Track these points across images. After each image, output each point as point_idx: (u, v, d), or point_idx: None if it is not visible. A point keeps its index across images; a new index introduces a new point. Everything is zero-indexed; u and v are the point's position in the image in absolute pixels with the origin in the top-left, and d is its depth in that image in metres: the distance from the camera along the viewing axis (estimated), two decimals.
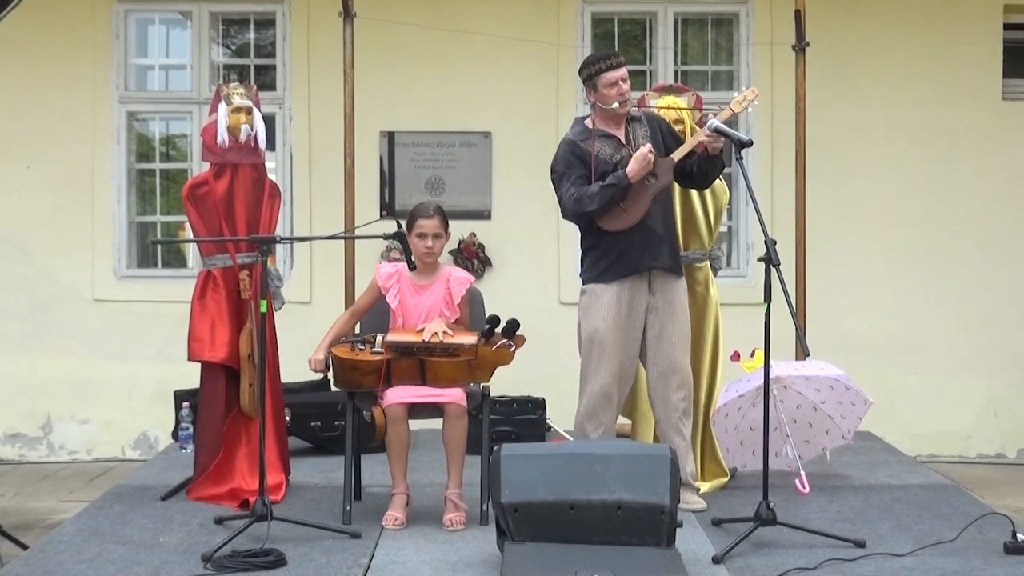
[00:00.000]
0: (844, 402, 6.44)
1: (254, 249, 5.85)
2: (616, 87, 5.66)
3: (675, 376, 5.78)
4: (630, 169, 5.58)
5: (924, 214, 8.75)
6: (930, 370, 8.71)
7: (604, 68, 5.66)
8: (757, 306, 5.35)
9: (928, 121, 8.75)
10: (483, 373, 5.62)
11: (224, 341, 6.00)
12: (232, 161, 6.09)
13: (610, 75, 5.65)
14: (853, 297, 8.70)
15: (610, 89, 5.65)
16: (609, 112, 5.68)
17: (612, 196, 5.58)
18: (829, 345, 7.62)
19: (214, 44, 8.93)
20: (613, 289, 5.69)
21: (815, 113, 7.88)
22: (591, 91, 5.71)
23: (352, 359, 5.52)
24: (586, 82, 5.73)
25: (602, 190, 5.58)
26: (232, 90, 6.15)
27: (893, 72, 8.75)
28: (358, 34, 7.07)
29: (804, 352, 5.11)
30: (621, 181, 5.58)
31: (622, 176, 5.58)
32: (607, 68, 5.66)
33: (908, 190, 8.75)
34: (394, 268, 5.82)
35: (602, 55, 5.75)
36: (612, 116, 5.72)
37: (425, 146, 8.69)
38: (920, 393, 8.69)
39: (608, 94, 5.66)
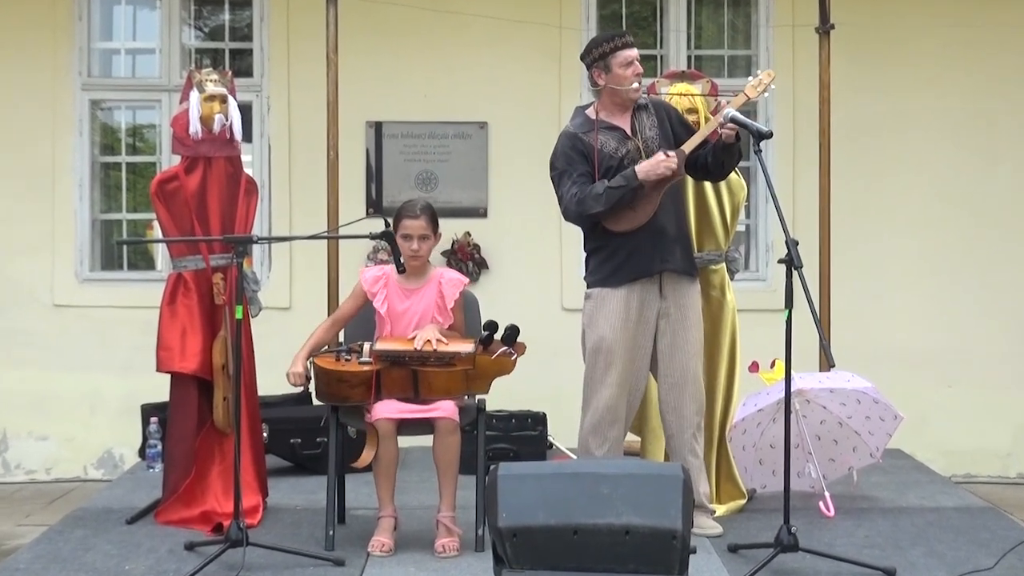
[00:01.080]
0: (872, 417, 6.45)
1: (229, 250, 5.86)
2: (632, 66, 5.66)
3: (689, 388, 5.78)
4: (641, 169, 5.55)
5: (961, 213, 8.75)
6: (966, 382, 8.72)
7: (619, 46, 5.66)
8: (778, 312, 5.35)
9: (967, 110, 8.75)
10: (481, 384, 5.62)
11: (196, 350, 6.01)
12: (205, 154, 6.10)
13: (627, 53, 5.65)
14: (882, 303, 8.70)
15: (626, 69, 5.65)
16: (622, 95, 5.67)
17: (619, 198, 5.56)
18: (856, 355, 7.62)
19: (185, 26, 8.93)
20: (621, 294, 5.68)
21: (841, 102, 7.88)
22: (602, 73, 5.69)
23: (338, 370, 5.52)
24: (596, 63, 5.69)
25: (608, 191, 5.55)
26: (205, 76, 6.16)
27: (928, 56, 8.75)
28: (342, 15, 7.08)
29: (829, 363, 5.12)
30: (630, 182, 5.54)
31: (631, 176, 5.54)
32: (623, 46, 5.66)
33: (944, 186, 8.75)
34: (380, 271, 5.83)
35: (615, 33, 5.77)
36: (619, 104, 5.71)
37: (415, 137, 8.70)
38: (955, 407, 8.70)
39: (624, 74, 5.65)
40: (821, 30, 7.29)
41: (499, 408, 7.38)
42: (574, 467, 5.05)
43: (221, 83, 6.16)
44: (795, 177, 8.56)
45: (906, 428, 6.73)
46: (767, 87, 5.71)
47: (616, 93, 5.69)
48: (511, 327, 5.54)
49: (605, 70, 5.68)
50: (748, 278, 8.61)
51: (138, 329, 8.13)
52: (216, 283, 6.04)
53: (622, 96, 5.69)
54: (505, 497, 4.76)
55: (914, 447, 8.06)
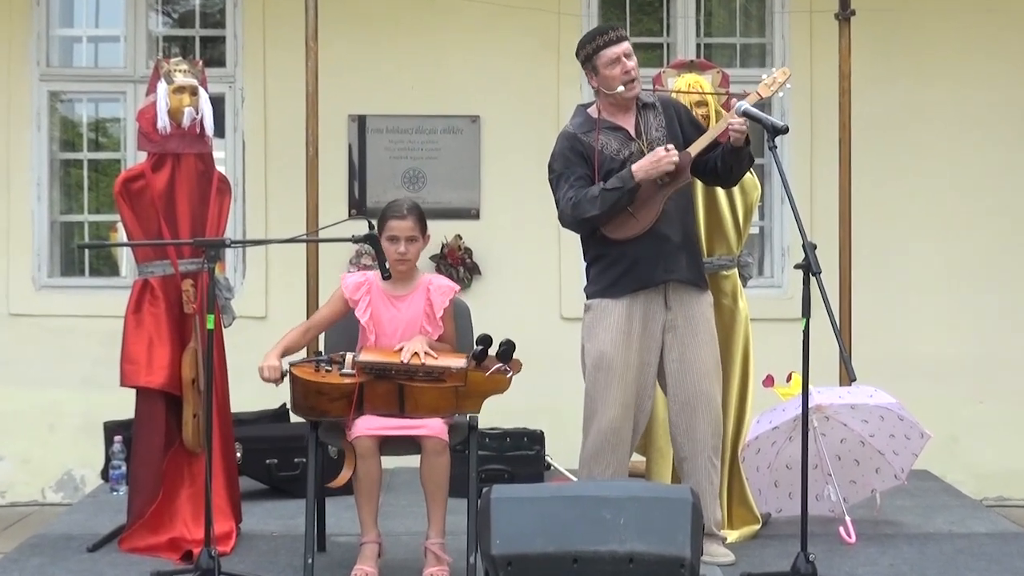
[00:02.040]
0: (897, 435, 6.46)
1: (199, 254, 5.86)
2: (619, 64, 5.64)
3: (702, 406, 5.75)
4: (638, 167, 5.55)
5: (993, 214, 8.75)
6: (999, 398, 8.72)
7: (602, 44, 5.65)
8: (794, 322, 5.36)
9: (999, 103, 8.76)
10: (472, 402, 5.62)
11: (163, 363, 6.01)
12: (173, 150, 6.10)
13: (610, 52, 5.64)
14: (908, 311, 8.70)
15: (612, 68, 5.64)
16: (615, 98, 5.68)
17: (616, 201, 5.55)
18: (879, 368, 7.62)
19: (152, 12, 8.93)
20: (622, 305, 5.67)
21: (862, 93, 7.90)
22: (592, 75, 5.71)
23: (317, 382, 5.52)
24: (584, 65, 5.72)
25: (603, 194, 5.55)
26: (174, 66, 6.17)
27: (957, 44, 8.75)
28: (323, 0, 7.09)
29: (850, 376, 5.13)
30: (626, 183, 5.54)
31: (627, 177, 5.54)
32: (605, 44, 5.65)
33: (974, 185, 8.75)
34: (363, 277, 5.83)
35: (598, 30, 5.75)
36: (619, 103, 5.71)
37: (402, 133, 8.71)
38: (987, 425, 8.70)
39: (611, 75, 5.64)
40: (841, 16, 7.31)
41: (493, 426, 7.37)
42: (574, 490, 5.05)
43: (191, 73, 6.17)
44: (813, 175, 8.57)
45: (934, 447, 6.73)
46: (782, 86, 5.72)
47: (610, 94, 5.69)
48: (507, 342, 5.54)
49: (593, 71, 5.70)
50: (762, 285, 8.61)
51: (101, 340, 8.14)
52: (186, 290, 6.04)
53: (616, 97, 5.69)
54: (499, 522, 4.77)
55: (943, 468, 8.07)
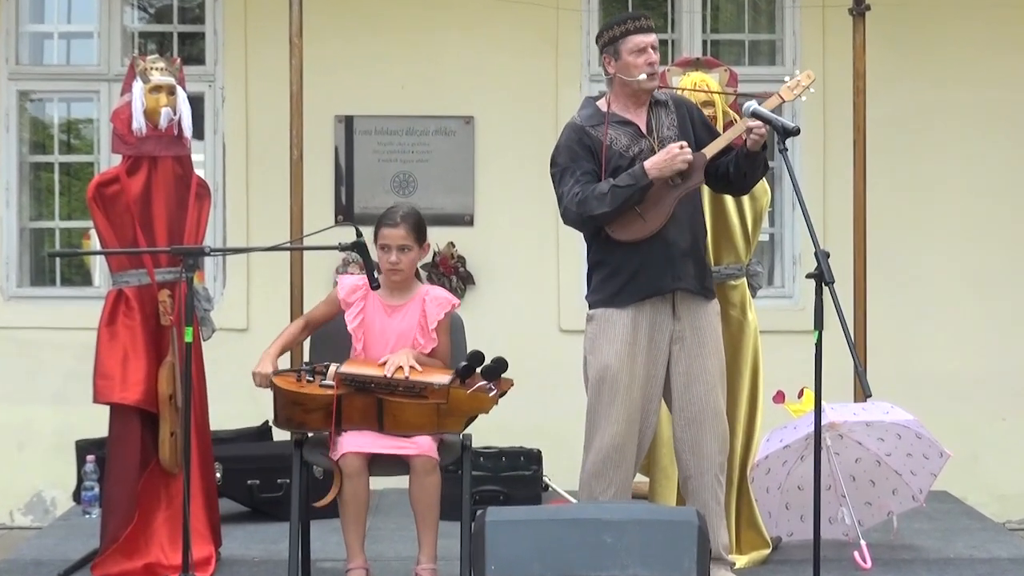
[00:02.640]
0: (915, 455, 6.46)
1: (177, 263, 5.85)
2: (645, 54, 5.64)
3: (709, 423, 5.74)
4: (651, 164, 5.55)
5: (1017, 220, 8.75)
6: (1022, 415, 8.72)
7: (632, 30, 5.65)
8: (806, 334, 5.35)
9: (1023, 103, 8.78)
10: (454, 421, 5.61)
11: (139, 379, 6.00)
12: (150, 153, 6.10)
13: (639, 39, 5.63)
14: (926, 323, 8.70)
15: (637, 56, 5.63)
16: (633, 87, 5.66)
17: (627, 198, 5.54)
18: (895, 383, 7.63)
19: (127, 6, 8.93)
20: (627, 315, 5.66)
21: (878, 93, 7.90)
22: (611, 59, 5.69)
23: (295, 391, 5.53)
24: (606, 48, 5.69)
25: (613, 190, 5.54)
26: (150, 64, 6.16)
27: (977, 40, 8.75)
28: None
29: (865, 392, 5.13)
30: (639, 180, 5.53)
31: (639, 173, 5.54)
32: (636, 30, 5.65)
33: (997, 189, 8.75)
34: (361, 280, 5.83)
35: (629, 15, 5.75)
36: (633, 96, 5.70)
37: (391, 134, 8.71)
38: (1010, 443, 8.70)
39: (634, 63, 5.64)
40: (855, 11, 7.31)
41: (488, 444, 7.37)
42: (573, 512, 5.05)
43: (168, 72, 6.16)
44: (826, 179, 8.58)
45: (953, 467, 6.73)
46: (805, 90, 5.72)
47: (626, 83, 5.68)
48: (497, 359, 5.54)
49: (614, 56, 5.67)
50: (772, 295, 8.61)
51: (73, 354, 8.13)
52: (162, 301, 6.03)
53: (633, 86, 5.68)
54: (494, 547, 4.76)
55: (963, 489, 8.06)
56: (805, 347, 5.35)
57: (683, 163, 5.52)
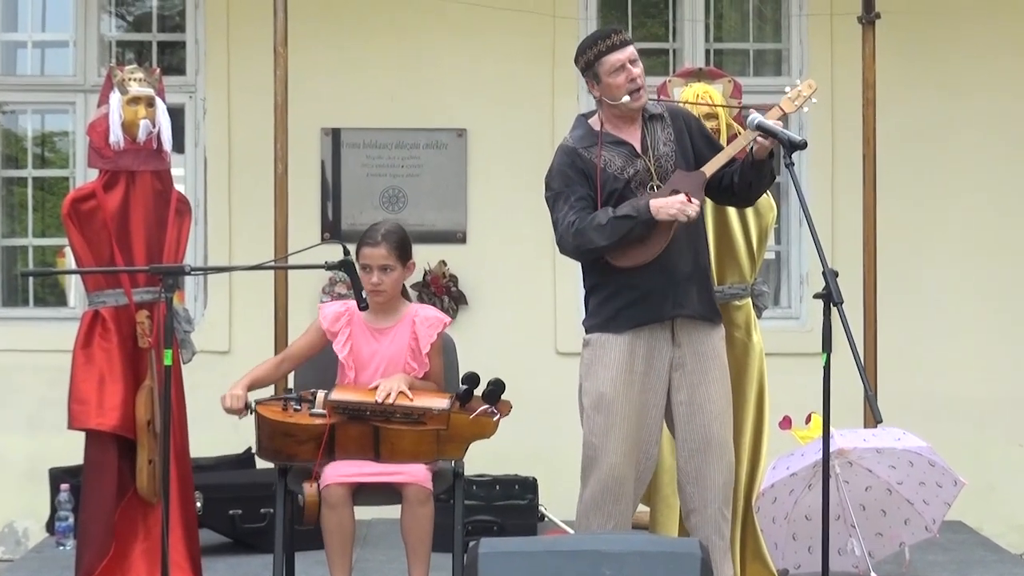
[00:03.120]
0: (928, 483, 6.45)
1: (156, 282, 5.86)
2: (624, 72, 5.59)
3: (713, 453, 5.70)
4: (657, 205, 5.48)
5: None
6: None
7: (604, 50, 5.60)
8: (814, 356, 5.36)
9: None
10: (455, 448, 5.62)
11: (116, 403, 5.99)
12: (128, 167, 6.10)
13: (612, 58, 5.58)
14: (940, 346, 8.70)
15: (616, 76, 5.59)
16: (620, 109, 5.66)
17: (627, 232, 5.48)
18: (908, 408, 7.63)
19: (105, 14, 8.94)
20: (624, 340, 5.62)
21: (888, 104, 7.91)
22: (593, 83, 5.66)
23: (284, 422, 5.52)
24: (585, 72, 5.65)
25: (613, 223, 5.48)
26: (128, 75, 6.17)
27: (992, 49, 8.76)
28: (293, 1, 7.10)
29: (875, 417, 5.13)
30: (640, 215, 5.45)
31: (643, 209, 5.45)
32: (608, 49, 5.60)
33: (1013, 205, 8.75)
34: (343, 307, 5.83)
35: (599, 34, 5.67)
36: (624, 114, 5.68)
37: (380, 148, 8.71)
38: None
39: (614, 83, 5.59)
40: (864, 20, 7.32)
41: (480, 472, 7.36)
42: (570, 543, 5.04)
43: (147, 82, 6.17)
44: (834, 195, 8.59)
45: (968, 496, 6.73)
46: (807, 100, 5.71)
47: (614, 105, 5.65)
48: (495, 382, 5.54)
49: (595, 80, 5.62)
50: (778, 316, 8.62)
51: (47, 377, 8.12)
52: (140, 322, 6.03)
53: (620, 108, 5.65)
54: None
55: (979, 519, 8.06)
56: (813, 370, 5.35)
57: (682, 215, 5.46)
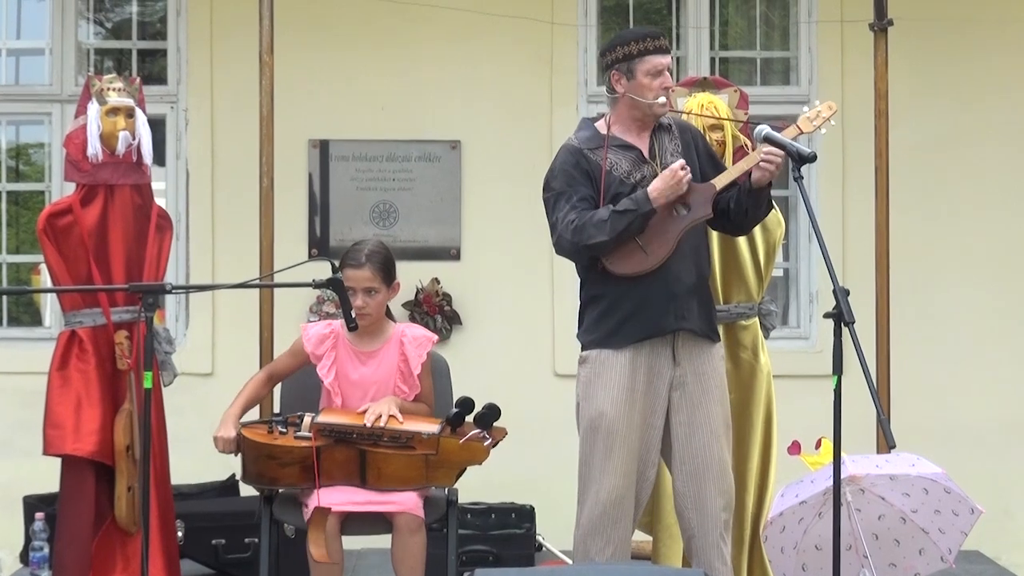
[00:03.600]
0: (943, 511, 6.45)
1: (136, 301, 5.86)
2: (661, 78, 5.64)
3: (713, 477, 5.74)
4: (654, 188, 5.56)
5: None
6: None
7: (652, 49, 5.63)
8: (824, 379, 5.36)
9: None
10: (445, 474, 5.63)
11: (93, 428, 5.99)
12: (106, 181, 6.11)
13: (657, 60, 5.63)
14: (956, 368, 8.70)
15: (653, 79, 5.63)
16: (643, 110, 5.65)
17: (628, 226, 5.52)
18: (922, 433, 7.64)
19: (82, 21, 8.95)
20: (624, 357, 5.65)
21: (902, 115, 7.92)
22: (622, 78, 5.66)
23: (268, 444, 5.53)
24: (616, 65, 5.66)
25: (614, 217, 5.53)
26: (107, 84, 6.18)
27: (1011, 57, 8.76)
28: (279, 7, 7.09)
29: (888, 443, 5.13)
30: (641, 206, 5.53)
31: (642, 199, 5.54)
32: (655, 50, 5.63)
33: None
34: (327, 328, 5.84)
35: (646, 31, 5.72)
36: (638, 119, 5.69)
37: (371, 160, 8.72)
38: None
39: (648, 85, 5.63)
40: (877, 26, 7.32)
41: (475, 500, 7.36)
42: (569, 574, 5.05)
43: (127, 92, 6.18)
44: (845, 210, 8.59)
45: (985, 524, 6.72)
46: (826, 122, 5.73)
47: (636, 105, 5.67)
48: (490, 406, 5.55)
49: (627, 75, 5.65)
50: (787, 336, 8.62)
51: (20, 401, 8.11)
52: (119, 343, 6.04)
53: (643, 110, 5.67)
54: None
55: (996, 548, 8.06)
56: (823, 393, 5.36)
57: (684, 185, 5.51)
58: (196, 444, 5.80)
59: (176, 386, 6.28)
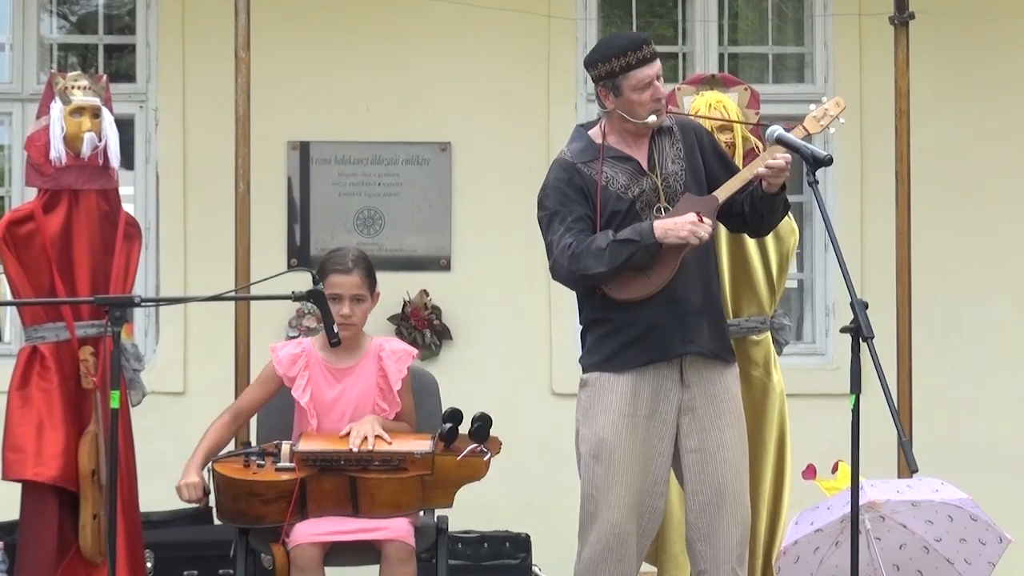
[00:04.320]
0: (969, 539, 6.45)
1: (102, 315, 5.86)
2: (651, 90, 5.56)
3: (727, 507, 5.70)
4: (662, 226, 5.48)
5: None
6: None
7: (634, 63, 5.56)
8: (841, 398, 5.36)
9: None
10: (443, 494, 5.63)
11: (56, 451, 5.99)
12: (70, 186, 6.11)
13: (641, 73, 5.55)
14: (982, 386, 8.69)
15: (640, 93, 5.57)
16: (635, 125, 5.64)
17: (629, 258, 5.47)
18: (946, 456, 7.63)
19: (45, 14, 8.96)
20: (627, 381, 5.61)
21: (925, 116, 7.92)
22: (609, 95, 5.62)
23: (247, 480, 5.51)
24: (603, 81, 5.63)
25: (613, 247, 5.47)
26: (71, 82, 6.18)
27: None
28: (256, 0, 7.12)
29: (910, 467, 5.13)
30: (644, 238, 5.45)
31: (646, 232, 5.45)
32: (639, 63, 5.57)
33: None
34: (298, 347, 5.84)
35: (626, 42, 5.64)
36: (635, 130, 5.67)
37: (355, 163, 8.72)
38: None
39: (638, 100, 5.57)
40: (897, 20, 7.34)
41: (467, 528, 7.36)
42: None
43: (93, 91, 6.18)
44: (863, 217, 8.60)
45: (1015, 553, 6.73)
46: (834, 120, 5.72)
47: (629, 121, 5.63)
48: (481, 416, 5.55)
49: (614, 92, 5.61)
50: (802, 352, 8.63)
51: None
52: (84, 360, 6.03)
53: (636, 125, 5.64)
54: None
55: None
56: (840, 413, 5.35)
57: (692, 237, 5.43)
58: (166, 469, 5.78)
59: (145, 406, 6.27)
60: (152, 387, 6.52)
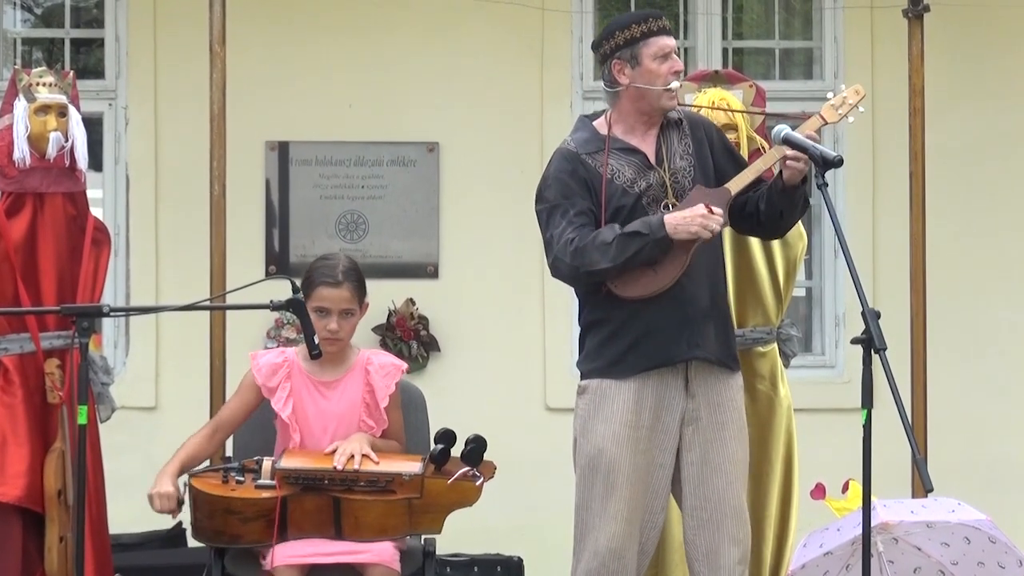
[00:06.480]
0: (988, 563, 6.46)
1: (68, 325, 5.86)
2: (671, 61, 5.59)
3: (728, 525, 5.72)
4: (672, 220, 5.48)
5: None
6: None
7: (656, 30, 5.58)
8: (852, 412, 5.37)
9: None
10: (431, 519, 5.64)
11: (20, 470, 5.98)
12: (35, 189, 6.10)
13: (664, 41, 5.58)
14: (1000, 401, 8.70)
15: (660, 63, 5.57)
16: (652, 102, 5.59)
17: (637, 252, 5.46)
18: (963, 474, 7.65)
19: (8, 6, 8.96)
20: (629, 388, 5.63)
21: (940, 114, 7.94)
22: (625, 66, 5.59)
23: (225, 497, 5.51)
24: (617, 53, 5.60)
25: (620, 241, 5.46)
26: (36, 79, 6.18)
27: None
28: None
29: (925, 486, 5.14)
30: (654, 232, 5.44)
31: (656, 225, 5.45)
32: (657, 31, 5.59)
33: None
34: (280, 357, 5.84)
35: (646, 13, 5.70)
36: (644, 115, 5.63)
37: (336, 164, 8.73)
38: None
39: (657, 70, 5.57)
40: (911, 13, 7.35)
41: (456, 551, 7.36)
42: None
43: (59, 88, 6.18)
44: (876, 221, 8.61)
45: None
46: (853, 109, 5.72)
47: (644, 98, 5.60)
48: (476, 439, 5.56)
49: (631, 62, 5.58)
50: (810, 364, 8.64)
51: None
52: (50, 373, 6.03)
53: (652, 102, 5.61)
54: None
55: None
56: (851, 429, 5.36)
57: (703, 230, 5.42)
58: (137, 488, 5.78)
59: (114, 422, 6.27)
60: (122, 402, 6.51)
